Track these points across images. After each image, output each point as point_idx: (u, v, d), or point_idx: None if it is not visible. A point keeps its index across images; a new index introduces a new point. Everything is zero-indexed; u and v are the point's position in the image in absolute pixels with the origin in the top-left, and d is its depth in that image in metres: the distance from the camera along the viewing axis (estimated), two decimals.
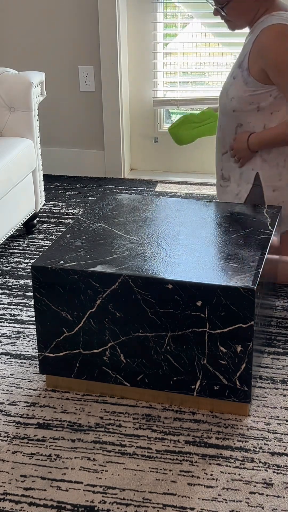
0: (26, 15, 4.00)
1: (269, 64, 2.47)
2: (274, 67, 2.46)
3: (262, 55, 2.47)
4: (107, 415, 2.10)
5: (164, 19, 4.07)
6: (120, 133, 4.11)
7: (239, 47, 4.08)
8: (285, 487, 1.82)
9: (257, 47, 2.48)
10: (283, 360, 2.34)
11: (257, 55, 2.48)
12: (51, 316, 2.10)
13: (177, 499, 1.78)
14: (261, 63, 2.48)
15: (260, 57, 2.48)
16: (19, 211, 3.23)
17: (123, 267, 2.03)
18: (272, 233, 2.26)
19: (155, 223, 2.32)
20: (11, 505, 1.78)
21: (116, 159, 4.17)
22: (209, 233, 2.26)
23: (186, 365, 2.03)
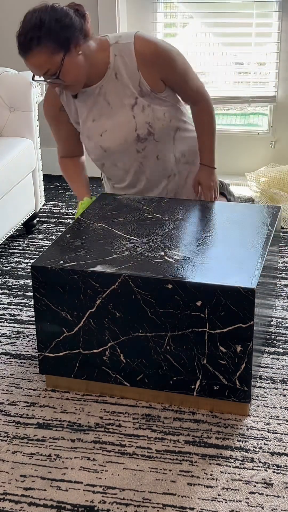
0: None
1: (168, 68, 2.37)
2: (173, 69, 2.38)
3: (155, 63, 2.34)
4: (107, 415, 2.10)
5: (164, 19, 4.07)
6: None
7: (239, 47, 4.10)
8: (285, 487, 1.82)
9: (144, 64, 2.34)
10: (283, 360, 2.34)
11: (149, 68, 2.35)
12: (51, 316, 2.10)
13: (177, 499, 1.78)
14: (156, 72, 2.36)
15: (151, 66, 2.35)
16: (19, 211, 3.23)
17: (123, 267, 2.03)
18: (272, 233, 2.26)
19: (155, 223, 2.32)
20: (11, 505, 1.78)
21: None
22: (209, 233, 2.26)
23: (186, 365, 2.03)
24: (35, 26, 2.20)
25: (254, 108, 4.29)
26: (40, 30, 2.19)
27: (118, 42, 2.35)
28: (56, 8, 2.24)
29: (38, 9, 2.24)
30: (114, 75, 2.37)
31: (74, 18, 2.25)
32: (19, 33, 2.24)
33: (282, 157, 4.09)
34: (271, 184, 3.79)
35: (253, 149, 4.14)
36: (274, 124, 4.06)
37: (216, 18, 4.04)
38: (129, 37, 2.36)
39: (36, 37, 2.20)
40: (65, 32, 2.22)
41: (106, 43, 2.36)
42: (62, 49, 2.22)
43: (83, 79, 2.34)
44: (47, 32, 2.19)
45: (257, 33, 3.95)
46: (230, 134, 4.15)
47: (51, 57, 2.22)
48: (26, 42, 2.22)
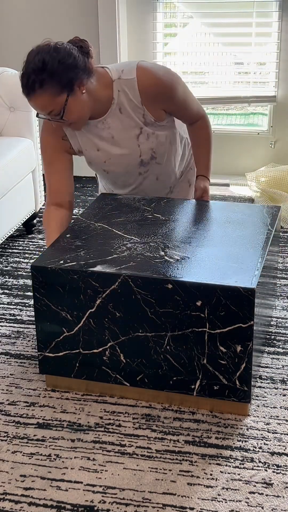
0: (26, 15, 4.00)
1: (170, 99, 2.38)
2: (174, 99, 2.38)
3: (158, 97, 2.35)
4: (107, 415, 2.10)
5: (164, 19, 4.08)
6: None
7: (239, 47, 4.11)
8: (284, 487, 1.82)
9: (148, 99, 2.34)
10: (283, 360, 2.34)
11: (150, 101, 2.35)
12: (51, 316, 2.10)
13: (177, 499, 1.78)
14: (159, 104, 2.37)
15: (154, 100, 2.35)
16: (19, 211, 3.24)
17: (123, 267, 2.03)
18: (272, 233, 2.26)
19: (155, 223, 2.32)
20: (11, 505, 1.78)
21: None
22: (208, 233, 2.26)
23: (186, 365, 2.03)
24: (38, 69, 2.16)
25: (254, 108, 4.30)
26: (43, 72, 2.16)
27: (120, 78, 2.33)
28: (59, 49, 2.20)
29: (41, 49, 2.20)
30: (118, 110, 2.36)
31: (78, 57, 2.22)
32: (22, 74, 2.20)
33: (282, 157, 4.09)
34: (271, 184, 3.79)
35: (253, 149, 4.14)
36: (274, 124, 4.06)
37: (216, 18, 4.04)
38: (131, 72, 2.33)
39: (38, 80, 2.16)
40: (69, 73, 2.18)
41: (109, 79, 2.33)
42: (66, 90, 2.19)
43: (87, 116, 2.32)
44: (50, 75, 2.16)
45: (257, 33, 3.95)
46: (230, 134, 4.15)
47: (55, 99, 2.19)
48: (29, 84, 2.18)
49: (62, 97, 2.20)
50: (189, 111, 2.48)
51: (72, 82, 2.20)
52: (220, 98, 4.08)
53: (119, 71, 2.35)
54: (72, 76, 2.19)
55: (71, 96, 2.21)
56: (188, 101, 2.45)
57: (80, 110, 2.26)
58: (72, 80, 2.20)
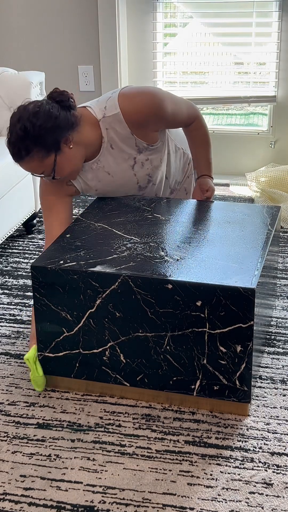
0: (26, 15, 4.00)
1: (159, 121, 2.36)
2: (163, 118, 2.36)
3: (146, 122, 2.33)
4: (107, 415, 2.10)
5: (164, 19, 4.07)
6: None
7: (239, 47, 4.11)
8: (284, 487, 1.82)
9: (137, 127, 2.33)
10: (283, 360, 2.34)
11: (140, 128, 2.34)
12: (51, 316, 2.10)
13: (177, 499, 1.78)
14: (149, 128, 2.36)
15: (144, 126, 2.34)
16: (19, 211, 3.23)
17: (123, 267, 2.03)
18: (272, 233, 2.26)
19: (155, 223, 2.32)
20: (11, 505, 1.78)
21: None
22: (208, 233, 2.26)
23: (186, 365, 2.03)
24: (20, 138, 2.16)
25: (254, 108, 4.29)
26: (26, 140, 2.16)
27: (105, 116, 2.32)
28: (38, 113, 2.17)
29: (21, 114, 2.18)
30: (110, 146, 2.36)
31: (60, 115, 2.20)
32: (8, 142, 2.20)
33: (282, 157, 4.09)
34: (271, 184, 3.79)
35: (253, 149, 4.14)
36: (274, 124, 4.06)
37: (216, 18, 4.04)
38: (114, 107, 2.31)
39: (24, 148, 2.16)
40: (52, 135, 2.17)
41: (94, 120, 2.32)
42: (52, 151, 2.19)
43: (80, 165, 2.34)
44: (33, 142, 2.16)
45: (257, 33, 3.95)
46: (230, 134, 4.15)
47: (43, 162, 2.20)
48: (16, 152, 2.19)
49: (50, 159, 2.20)
50: (180, 119, 2.45)
51: (58, 142, 2.20)
52: (220, 98, 4.08)
53: (102, 109, 2.33)
54: (56, 137, 2.19)
55: (59, 155, 2.21)
56: (177, 111, 2.42)
57: (71, 164, 2.27)
58: (57, 141, 2.19)
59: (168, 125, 2.45)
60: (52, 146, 2.19)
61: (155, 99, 2.34)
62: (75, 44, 4.01)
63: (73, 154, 2.26)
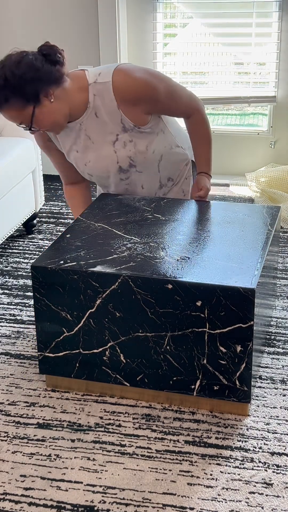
0: (26, 15, 4.00)
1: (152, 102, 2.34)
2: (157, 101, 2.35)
3: (137, 101, 2.31)
4: (107, 415, 2.10)
5: (164, 19, 4.08)
6: None
7: (239, 47, 4.11)
8: (284, 487, 1.82)
9: (125, 103, 2.31)
10: (283, 360, 2.34)
11: (129, 106, 2.31)
12: (51, 316, 2.10)
13: (177, 499, 1.78)
14: (139, 108, 2.33)
15: (133, 104, 2.31)
16: (19, 211, 3.24)
17: (123, 267, 2.03)
18: (272, 233, 2.26)
19: (155, 223, 2.32)
20: (11, 505, 1.78)
21: None
22: (208, 233, 2.26)
23: (186, 365, 2.03)
24: (0, 86, 2.17)
25: (254, 108, 4.30)
26: (5, 88, 2.17)
27: (96, 82, 2.31)
28: (20, 63, 2.17)
29: (4, 63, 2.19)
30: (94, 114, 2.35)
31: (42, 68, 2.20)
32: None
33: (282, 157, 4.09)
34: (271, 184, 3.79)
35: (253, 149, 4.14)
36: (274, 124, 4.06)
37: (216, 18, 4.04)
38: (107, 75, 2.30)
39: (3, 96, 2.18)
40: (32, 86, 2.17)
41: (85, 83, 2.32)
42: (31, 102, 2.20)
43: (63, 122, 2.32)
44: (11, 91, 2.17)
45: (257, 33, 3.95)
46: (230, 134, 4.15)
47: (21, 112, 2.21)
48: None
49: (28, 109, 2.21)
50: (177, 107, 2.43)
51: (37, 93, 2.20)
52: (220, 98, 4.08)
53: (96, 74, 2.33)
54: (35, 89, 2.19)
55: (38, 108, 2.21)
56: (175, 97, 2.40)
57: (51, 118, 2.26)
58: (37, 92, 2.19)
59: (162, 110, 2.41)
60: (30, 97, 2.19)
61: (151, 79, 2.33)
62: (75, 44, 4.01)
63: (53, 108, 2.25)
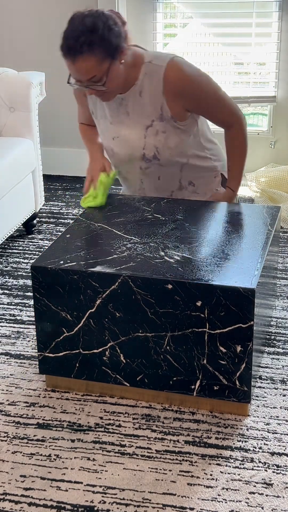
0: (26, 15, 4.00)
1: (197, 99, 2.36)
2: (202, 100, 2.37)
3: (182, 94, 2.32)
4: (107, 415, 2.10)
5: (164, 19, 4.07)
6: None
7: (239, 47, 4.11)
8: (284, 487, 1.82)
9: (171, 92, 2.31)
10: (283, 360, 2.34)
11: (176, 97, 2.32)
12: (51, 316, 2.10)
13: (177, 499, 1.78)
14: (182, 102, 2.34)
15: (177, 96, 2.32)
16: (19, 211, 3.23)
17: (123, 267, 2.03)
18: (272, 233, 2.26)
19: (155, 223, 2.32)
20: (11, 505, 1.78)
21: None
22: (209, 233, 2.26)
23: (186, 365, 2.03)
24: (88, 30, 2.13)
25: (254, 108, 4.29)
26: (93, 35, 2.13)
27: (151, 62, 2.32)
28: (106, 15, 2.18)
29: (88, 13, 2.17)
30: (138, 93, 2.35)
31: (120, 26, 2.22)
32: (68, 35, 2.16)
33: (282, 157, 4.09)
34: (271, 184, 3.79)
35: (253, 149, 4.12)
36: (274, 124, 4.06)
37: (216, 18, 4.04)
38: (163, 61, 2.31)
39: (88, 42, 2.13)
40: (115, 40, 2.17)
41: (141, 59, 2.32)
42: (110, 57, 2.17)
43: (121, 87, 2.31)
44: (100, 39, 2.14)
45: (257, 33, 3.95)
46: None
47: (100, 64, 2.16)
48: (77, 45, 2.13)
49: (106, 64, 2.18)
50: (220, 114, 2.43)
51: (117, 49, 2.19)
52: None
53: (152, 56, 2.34)
54: (118, 44, 2.18)
55: (113, 64, 2.20)
56: (220, 104, 2.40)
57: (118, 79, 2.25)
58: (117, 48, 2.19)
59: (203, 111, 2.42)
60: (112, 51, 2.18)
61: (201, 79, 2.36)
62: None
63: (120, 71, 2.25)
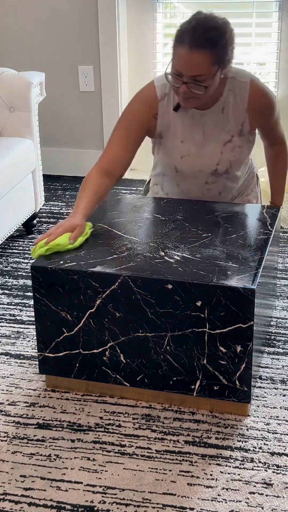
0: (26, 15, 4.00)
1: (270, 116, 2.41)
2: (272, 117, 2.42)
3: (263, 112, 2.37)
4: (107, 415, 2.10)
5: (164, 19, 4.07)
6: None
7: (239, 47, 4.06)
8: (284, 487, 1.82)
9: (254, 110, 2.34)
10: (283, 360, 2.34)
11: (257, 115, 2.36)
12: (51, 316, 2.10)
13: (177, 499, 1.78)
14: (260, 118, 2.38)
15: (260, 114, 2.37)
16: (19, 211, 3.23)
17: (123, 267, 2.03)
18: (272, 233, 2.26)
19: (155, 223, 2.32)
20: (11, 505, 1.78)
21: None
22: (208, 233, 2.26)
23: (185, 365, 2.03)
24: (218, 30, 2.11)
25: None
26: (221, 37, 2.11)
27: (235, 78, 2.30)
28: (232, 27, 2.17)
29: (218, 16, 2.15)
30: (221, 109, 2.33)
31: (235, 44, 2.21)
32: (196, 25, 2.10)
33: None
34: None
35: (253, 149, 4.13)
36: None
37: None
38: (245, 76, 2.32)
39: (214, 39, 2.09)
40: (230, 53, 2.16)
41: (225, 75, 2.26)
42: (221, 64, 2.15)
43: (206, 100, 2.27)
44: (224, 43, 2.12)
45: (257, 33, 3.95)
46: None
47: (211, 66, 2.12)
48: (203, 38, 2.08)
49: (215, 68, 2.14)
50: (275, 133, 2.49)
51: (228, 61, 2.17)
52: None
53: (234, 72, 2.31)
54: (230, 56, 2.17)
55: (218, 72, 2.17)
56: (278, 123, 2.47)
57: (213, 89, 2.21)
58: (229, 60, 2.17)
59: (267, 128, 2.47)
60: (224, 60, 2.15)
61: (274, 98, 2.40)
62: (75, 44, 4.01)
63: (217, 83, 2.21)
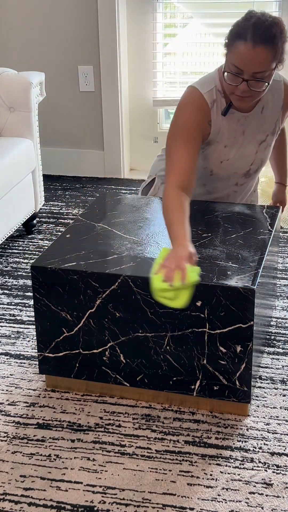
0: (26, 15, 4.00)
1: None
2: None
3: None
4: (107, 415, 2.10)
5: (164, 19, 4.07)
6: (120, 133, 4.11)
7: None
8: (284, 487, 1.82)
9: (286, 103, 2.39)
10: (283, 360, 2.34)
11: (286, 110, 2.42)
12: (51, 316, 2.10)
13: (177, 499, 1.78)
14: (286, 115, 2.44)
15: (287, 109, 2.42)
16: (19, 211, 3.23)
17: (123, 267, 2.03)
18: (272, 233, 2.26)
19: (155, 223, 2.32)
20: (11, 505, 1.78)
21: (116, 159, 4.17)
22: (208, 233, 2.26)
23: (185, 365, 2.03)
24: (278, 26, 2.12)
25: None
26: (282, 34, 2.12)
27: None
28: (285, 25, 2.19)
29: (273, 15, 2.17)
30: (260, 110, 2.35)
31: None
32: (257, 22, 2.10)
33: None
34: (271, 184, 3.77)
35: None
36: None
37: (216, 18, 4.04)
38: (278, 75, 2.35)
39: (276, 35, 2.10)
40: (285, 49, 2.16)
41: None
42: (278, 62, 2.15)
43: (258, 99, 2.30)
44: (284, 40, 2.14)
45: None
46: None
47: (272, 62, 2.13)
48: (266, 34, 2.09)
49: (273, 65, 2.15)
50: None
51: (283, 60, 2.17)
52: None
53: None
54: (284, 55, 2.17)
55: (274, 70, 2.18)
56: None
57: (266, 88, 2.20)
58: (283, 59, 2.17)
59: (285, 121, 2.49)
60: (281, 58, 2.15)
61: None
62: (75, 44, 4.01)
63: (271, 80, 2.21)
